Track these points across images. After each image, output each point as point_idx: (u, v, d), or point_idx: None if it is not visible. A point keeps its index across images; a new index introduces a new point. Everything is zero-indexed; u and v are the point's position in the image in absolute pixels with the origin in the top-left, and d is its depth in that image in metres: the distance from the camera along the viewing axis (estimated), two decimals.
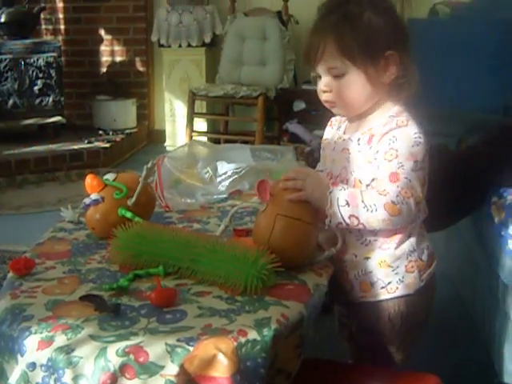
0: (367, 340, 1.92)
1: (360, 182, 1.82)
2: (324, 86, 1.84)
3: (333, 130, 2.00)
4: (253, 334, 1.41)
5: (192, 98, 6.18)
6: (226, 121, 6.59)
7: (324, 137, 2.04)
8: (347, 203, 1.72)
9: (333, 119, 2.03)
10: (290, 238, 1.71)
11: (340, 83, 1.82)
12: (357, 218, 1.72)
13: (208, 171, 2.39)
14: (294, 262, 1.72)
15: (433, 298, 1.97)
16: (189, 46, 6.62)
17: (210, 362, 1.37)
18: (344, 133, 1.93)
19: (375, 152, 1.79)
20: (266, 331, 1.43)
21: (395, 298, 1.86)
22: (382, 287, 1.85)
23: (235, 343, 1.39)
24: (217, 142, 5.98)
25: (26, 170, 5.78)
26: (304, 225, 1.72)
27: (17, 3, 6.46)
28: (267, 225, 1.73)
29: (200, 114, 6.42)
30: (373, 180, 1.79)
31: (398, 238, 1.82)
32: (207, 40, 6.59)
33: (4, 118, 6.24)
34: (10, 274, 1.74)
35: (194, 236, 1.76)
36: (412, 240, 1.85)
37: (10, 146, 6.10)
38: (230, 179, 2.37)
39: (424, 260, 1.88)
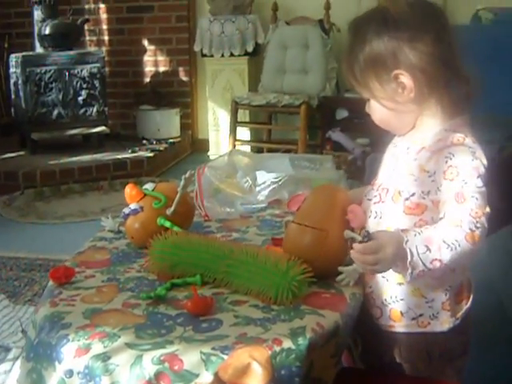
0: (399, 371, 1.78)
1: (399, 193, 1.68)
2: (366, 108, 1.78)
3: None
4: (287, 343, 1.42)
5: (235, 107, 6.21)
6: (269, 129, 6.61)
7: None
8: (428, 249, 1.52)
9: None
10: (302, 246, 1.70)
11: (370, 106, 1.75)
12: (440, 260, 1.52)
13: (247, 180, 2.39)
14: (317, 270, 1.66)
15: (468, 333, 1.82)
16: (231, 55, 6.64)
17: (244, 370, 1.37)
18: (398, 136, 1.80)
19: (417, 166, 1.66)
20: (300, 340, 1.43)
21: (426, 333, 1.73)
22: (413, 318, 1.71)
23: (270, 352, 1.39)
24: (260, 150, 6.01)
25: (71, 179, 5.84)
26: (317, 232, 1.69)
27: (61, 15, 6.54)
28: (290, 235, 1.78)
29: (243, 123, 6.44)
30: (412, 195, 1.66)
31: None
32: (249, 49, 6.60)
33: (49, 128, 6.33)
34: (50, 283, 1.76)
35: (229, 247, 1.76)
36: (455, 274, 1.69)
37: (55, 155, 6.18)
38: (269, 188, 2.36)
39: (463, 297, 1.77)
